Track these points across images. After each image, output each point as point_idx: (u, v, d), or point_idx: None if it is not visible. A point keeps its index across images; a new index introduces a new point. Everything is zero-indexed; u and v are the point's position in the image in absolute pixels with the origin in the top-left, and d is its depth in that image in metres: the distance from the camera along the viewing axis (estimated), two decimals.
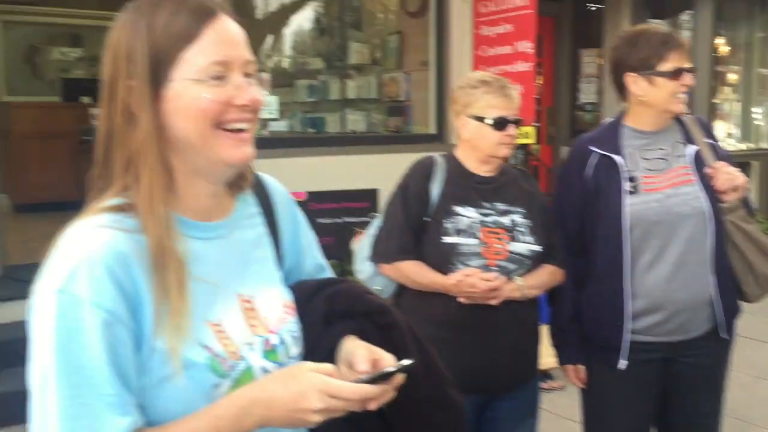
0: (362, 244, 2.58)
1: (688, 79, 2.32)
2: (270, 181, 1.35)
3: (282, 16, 7.37)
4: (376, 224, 2.55)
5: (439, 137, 6.52)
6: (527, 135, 5.77)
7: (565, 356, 2.53)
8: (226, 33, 1.09)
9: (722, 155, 2.45)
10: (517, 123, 2.37)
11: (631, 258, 2.31)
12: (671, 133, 2.43)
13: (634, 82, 2.34)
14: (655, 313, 2.33)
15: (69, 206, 6.43)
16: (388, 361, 1.12)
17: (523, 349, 2.40)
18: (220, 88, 1.07)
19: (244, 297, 1.17)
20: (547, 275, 2.41)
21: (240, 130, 1.10)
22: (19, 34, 9.74)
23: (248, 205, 1.27)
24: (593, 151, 2.41)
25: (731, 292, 2.40)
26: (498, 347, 2.31)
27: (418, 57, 6.95)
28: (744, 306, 2.50)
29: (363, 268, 2.53)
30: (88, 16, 9.93)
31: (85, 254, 1.01)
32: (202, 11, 1.08)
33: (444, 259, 2.30)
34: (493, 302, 2.25)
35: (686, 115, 2.47)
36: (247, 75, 1.10)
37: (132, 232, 1.05)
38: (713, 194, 2.33)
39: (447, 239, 2.29)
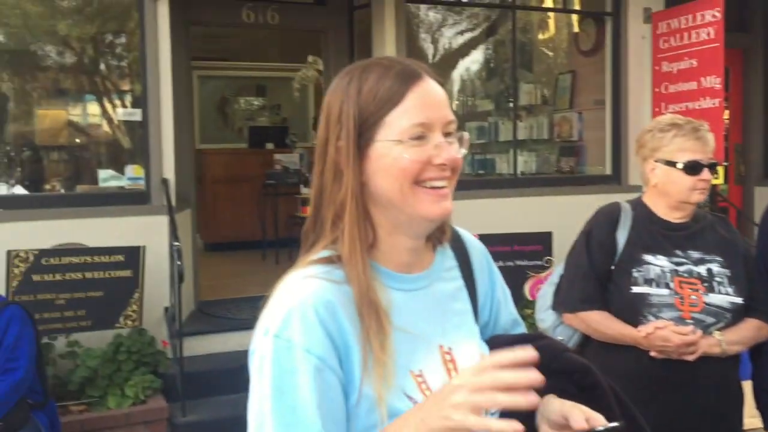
0: (544, 292, 2.51)
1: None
2: (467, 235, 1.37)
3: (451, 58, 7.50)
4: (557, 272, 2.48)
5: (615, 178, 6.28)
6: (716, 175, 5.39)
7: None
8: (428, 96, 1.13)
9: None
10: (712, 167, 2.23)
11: None
12: None
13: None
14: None
15: (253, 245, 6.88)
16: (599, 421, 1.09)
17: (723, 412, 2.21)
18: (420, 148, 1.11)
19: (445, 348, 1.18)
20: (751, 330, 2.22)
21: (438, 187, 1.13)
22: (212, 87, 10.67)
23: (446, 258, 1.29)
24: None
25: None
26: (695, 408, 2.14)
27: (591, 96, 6.78)
28: None
29: (545, 317, 2.46)
30: (271, 68, 10.72)
31: (297, 302, 1.07)
32: (407, 75, 1.12)
33: (633, 310, 2.18)
34: (689, 358, 2.11)
35: None
36: (447, 134, 1.14)
37: (339, 283, 1.10)
38: None
39: (636, 289, 2.18)
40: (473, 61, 7.59)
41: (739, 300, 2.18)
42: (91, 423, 4.03)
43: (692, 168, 2.19)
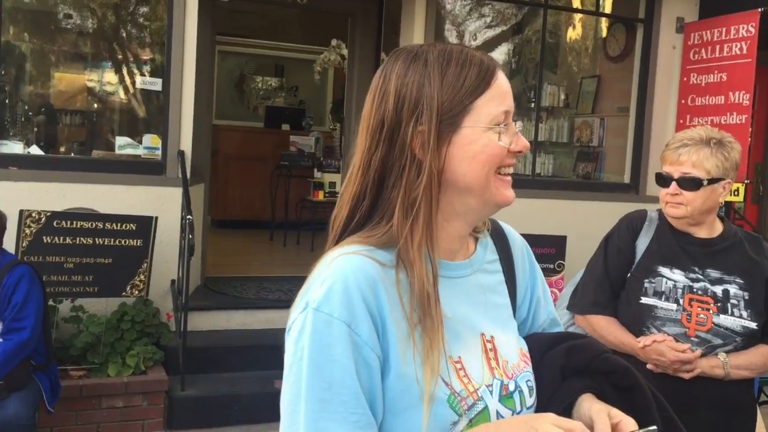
0: (566, 292, 2.52)
1: None
2: (509, 229, 1.35)
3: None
4: (579, 275, 2.47)
5: (634, 187, 6.22)
6: (737, 192, 5.34)
7: None
8: (505, 85, 1.16)
9: None
10: (690, 182, 2.12)
11: None
12: None
13: None
14: None
15: (261, 225, 6.87)
16: (629, 426, 1.08)
17: (731, 430, 2.17)
18: (506, 135, 1.14)
19: (487, 337, 1.18)
20: (762, 357, 2.16)
21: (508, 174, 1.17)
22: (230, 64, 10.61)
23: (488, 250, 1.28)
24: None
25: None
26: (690, 428, 2.09)
27: (615, 102, 6.70)
28: None
29: (560, 315, 2.44)
30: (291, 49, 10.66)
31: (341, 277, 1.06)
32: (488, 65, 1.14)
33: (638, 321, 2.17)
34: (685, 376, 2.09)
35: None
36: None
37: (384, 264, 1.09)
38: None
39: (644, 300, 2.17)
40: (499, 56, 7.50)
41: (753, 325, 2.12)
42: (90, 389, 4.01)
43: (661, 179, 2.21)
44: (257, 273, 6.20)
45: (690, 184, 2.14)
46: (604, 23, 7.00)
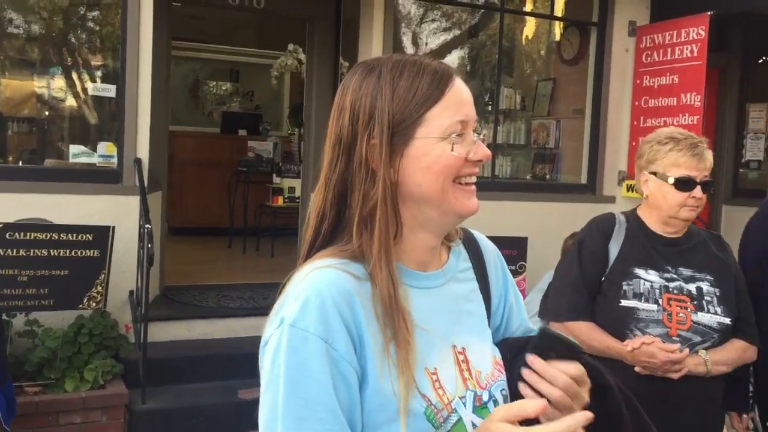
0: (531, 299, 2.51)
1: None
2: (480, 237, 1.35)
3: (437, 56, 7.44)
4: (546, 279, 2.47)
5: (591, 188, 6.31)
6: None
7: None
8: (463, 94, 1.15)
9: None
10: (706, 185, 2.20)
11: None
12: None
13: None
14: None
15: (219, 232, 6.78)
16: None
17: (707, 430, 2.22)
18: (461, 145, 1.12)
19: (458, 348, 1.17)
20: (737, 352, 2.22)
21: (471, 183, 1.16)
22: (184, 69, 10.46)
23: (461, 259, 1.28)
24: None
25: None
26: (678, 426, 2.13)
27: (570, 104, 6.81)
28: None
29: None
30: (246, 54, 10.56)
31: (315, 291, 1.05)
32: (442, 74, 1.14)
33: (620, 324, 2.17)
34: (674, 376, 2.10)
35: None
36: (476, 131, 1.16)
37: (358, 277, 1.09)
38: None
39: (625, 302, 2.17)
40: (457, 60, 7.55)
41: (727, 320, 2.17)
42: (46, 405, 3.89)
43: (684, 184, 2.17)
44: (217, 281, 6.11)
45: (707, 187, 2.20)
46: (558, 27, 7.11)
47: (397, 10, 5.95)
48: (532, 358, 1.10)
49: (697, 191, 2.17)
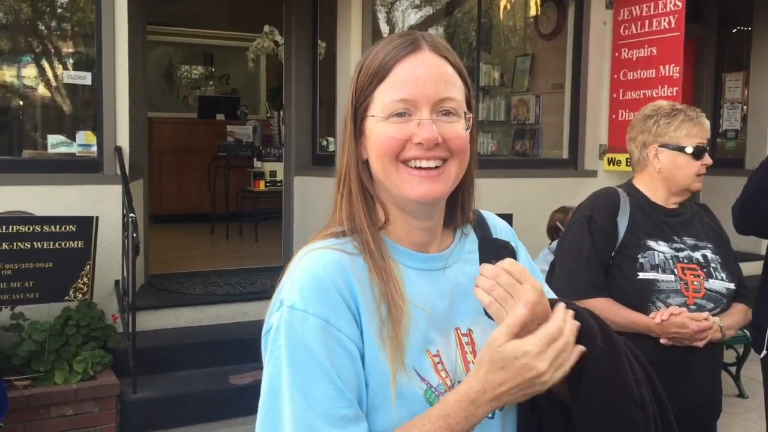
0: None
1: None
2: (491, 217, 1.33)
3: None
4: (542, 257, 2.46)
5: (572, 162, 6.34)
6: None
7: None
8: (417, 69, 1.08)
9: None
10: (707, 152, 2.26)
11: None
12: None
13: None
14: None
15: (201, 219, 6.71)
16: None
17: (716, 390, 2.27)
18: (400, 125, 1.07)
19: (463, 330, 1.16)
20: (741, 315, 2.26)
21: (425, 168, 1.08)
22: (158, 53, 10.30)
23: (469, 241, 1.25)
24: None
25: None
26: (693, 390, 2.15)
27: (550, 79, 6.82)
28: None
29: None
30: (221, 36, 10.42)
31: (312, 272, 1.05)
32: (401, 48, 1.09)
33: (641, 297, 2.14)
34: (699, 344, 2.10)
35: None
36: (445, 112, 1.08)
37: (353, 254, 1.09)
38: None
39: (643, 275, 2.15)
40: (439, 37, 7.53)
41: (732, 285, 2.21)
42: (37, 399, 3.85)
43: (699, 153, 2.21)
44: (203, 268, 6.07)
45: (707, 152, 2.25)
46: (535, 2, 7.09)
47: None
48: (481, 267, 1.08)
49: (707, 158, 2.23)
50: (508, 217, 5.15)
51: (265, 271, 5.83)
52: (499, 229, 1.31)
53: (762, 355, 2.58)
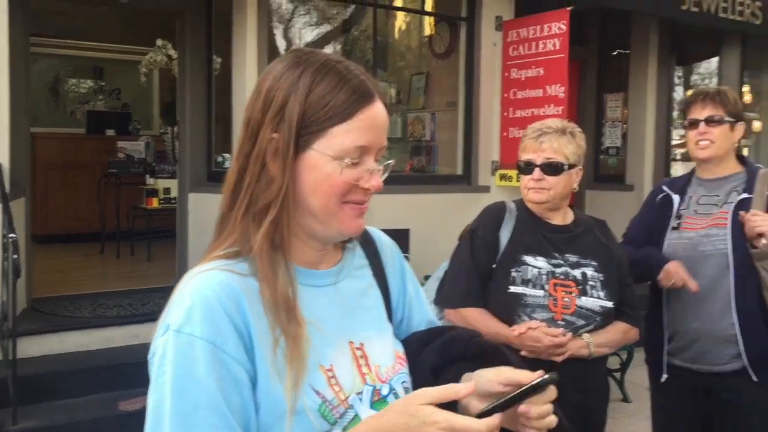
0: (428, 286, 2.54)
1: (701, 127, 2.56)
2: (376, 233, 1.36)
3: None
4: (443, 267, 2.52)
5: (466, 178, 6.52)
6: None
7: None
8: (375, 119, 1.12)
9: None
10: (551, 168, 2.24)
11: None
12: (731, 183, 2.54)
13: None
14: (676, 338, 2.61)
15: (90, 238, 6.42)
16: (528, 377, 1.09)
17: (591, 407, 2.31)
18: (354, 169, 1.10)
19: (356, 344, 1.17)
20: (619, 333, 2.33)
21: (360, 203, 1.14)
22: (43, 66, 9.84)
23: (356, 256, 1.28)
24: (663, 190, 2.69)
25: (758, 335, 2.43)
26: (563, 408, 2.22)
27: (444, 97, 6.99)
28: None
29: None
30: (111, 50, 10.07)
31: (200, 294, 1.03)
32: (362, 93, 1.11)
33: (509, 310, 2.24)
34: (558, 359, 2.18)
35: (763, 168, 2.51)
36: (377, 159, 1.14)
37: (244, 275, 1.08)
38: (743, 239, 2.41)
39: (513, 288, 2.24)
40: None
41: (609, 304, 2.28)
42: None
43: (524, 168, 2.31)
44: (91, 289, 5.80)
45: (553, 169, 2.25)
46: (429, 22, 7.27)
47: (271, 5, 5.87)
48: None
49: (536, 173, 2.26)
50: (404, 232, 5.26)
51: (158, 291, 5.64)
52: (384, 245, 1.35)
53: (663, 379, 2.67)
